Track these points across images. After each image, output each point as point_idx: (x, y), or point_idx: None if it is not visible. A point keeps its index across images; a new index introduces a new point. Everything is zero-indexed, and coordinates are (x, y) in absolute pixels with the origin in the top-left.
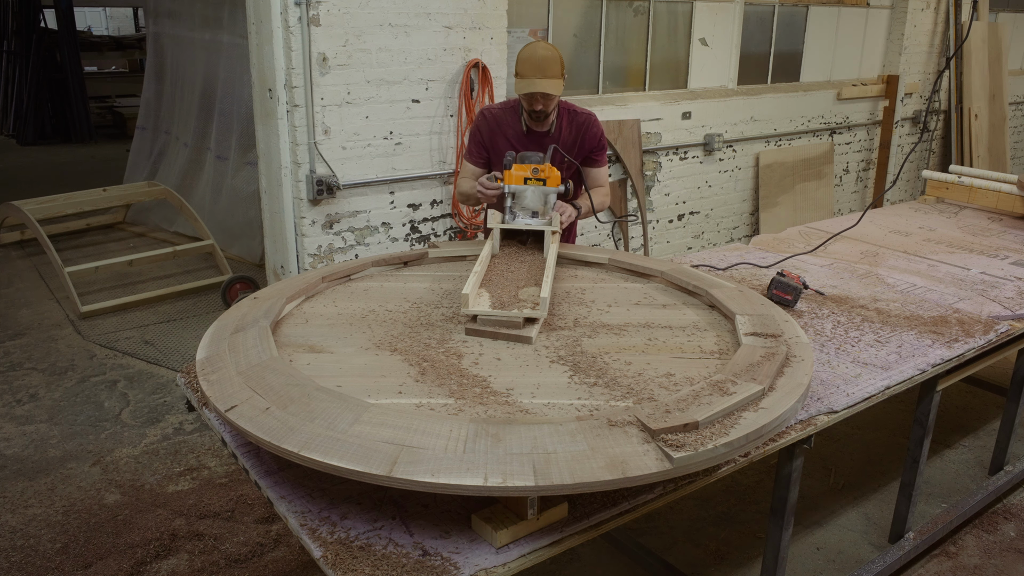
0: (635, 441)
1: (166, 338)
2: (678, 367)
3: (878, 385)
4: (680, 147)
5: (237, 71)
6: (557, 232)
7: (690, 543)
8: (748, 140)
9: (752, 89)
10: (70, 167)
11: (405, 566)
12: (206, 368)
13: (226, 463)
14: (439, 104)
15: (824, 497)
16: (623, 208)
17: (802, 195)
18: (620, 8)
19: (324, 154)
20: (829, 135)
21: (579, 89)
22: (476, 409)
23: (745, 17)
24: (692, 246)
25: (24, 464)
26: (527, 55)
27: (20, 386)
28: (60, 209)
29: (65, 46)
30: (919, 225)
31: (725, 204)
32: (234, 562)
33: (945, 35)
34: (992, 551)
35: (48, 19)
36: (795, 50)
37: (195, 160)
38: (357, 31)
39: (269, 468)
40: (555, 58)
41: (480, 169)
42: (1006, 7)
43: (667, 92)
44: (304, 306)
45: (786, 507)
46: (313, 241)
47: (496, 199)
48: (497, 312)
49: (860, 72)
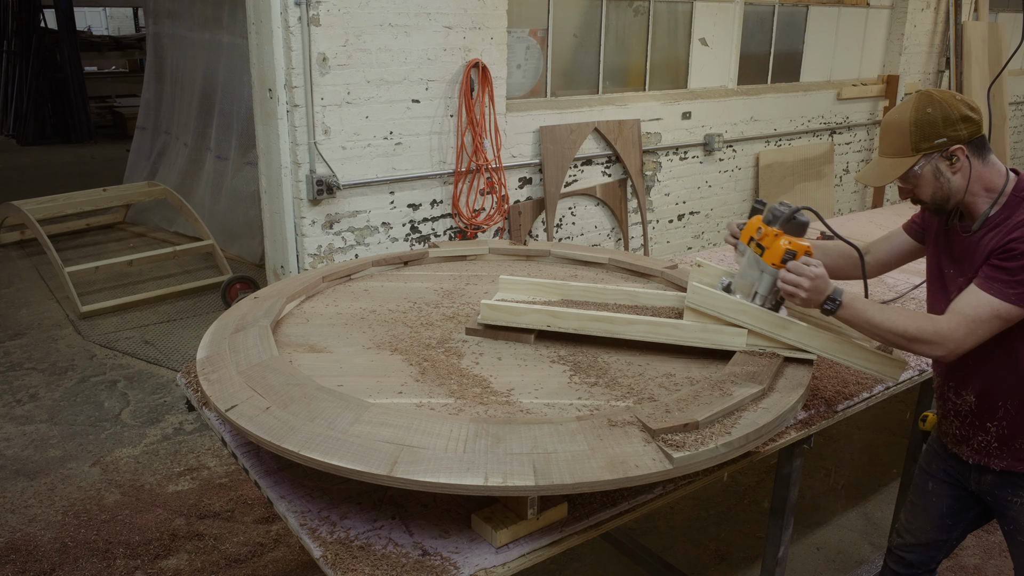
0: (635, 441)
1: (166, 338)
2: (678, 367)
3: (878, 385)
4: (680, 147)
5: (237, 71)
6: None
7: (690, 543)
8: (748, 140)
9: (752, 89)
10: (70, 167)
11: (405, 566)
12: (206, 368)
13: (226, 463)
14: (439, 104)
15: (824, 497)
16: (623, 208)
17: (802, 195)
18: (620, 8)
19: (324, 154)
20: (829, 135)
21: (579, 89)
22: (476, 409)
23: (745, 17)
24: (692, 246)
25: (24, 464)
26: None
27: (20, 386)
28: (60, 209)
29: (65, 46)
30: None
31: (725, 204)
32: (234, 562)
33: (945, 35)
34: (992, 551)
35: (48, 19)
36: (795, 50)
37: (195, 160)
38: (357, 31)
39: (269, 468)
40: (899, 124)
41: (901, 237)
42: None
43: (667, 92)
44: (304, 306)
45: (786, 507)
46: (313, 241)
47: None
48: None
49: (860, 72)
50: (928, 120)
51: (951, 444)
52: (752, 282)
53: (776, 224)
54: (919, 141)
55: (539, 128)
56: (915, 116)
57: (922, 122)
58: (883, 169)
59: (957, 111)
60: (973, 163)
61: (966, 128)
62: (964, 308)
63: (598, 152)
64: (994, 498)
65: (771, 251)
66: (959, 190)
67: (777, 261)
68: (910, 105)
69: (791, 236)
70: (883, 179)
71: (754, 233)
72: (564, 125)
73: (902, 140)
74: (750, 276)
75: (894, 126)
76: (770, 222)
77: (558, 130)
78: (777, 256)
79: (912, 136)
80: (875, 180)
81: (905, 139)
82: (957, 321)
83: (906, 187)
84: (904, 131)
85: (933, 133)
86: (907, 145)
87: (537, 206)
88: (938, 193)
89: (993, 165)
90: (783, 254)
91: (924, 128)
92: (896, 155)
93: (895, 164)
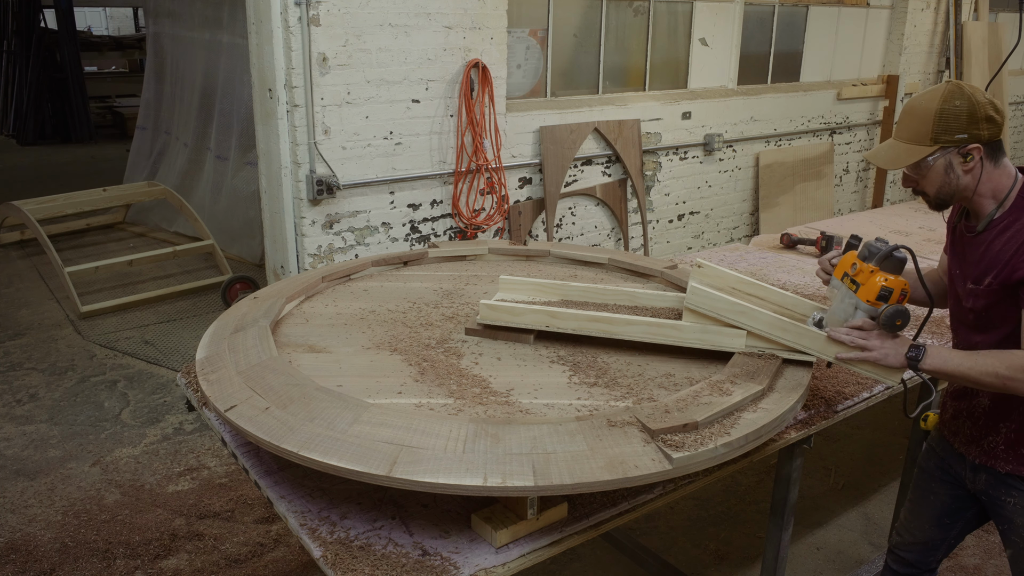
0: (635, 441)
1: (166, 338)
2: (678, 367)
3: (878, 385)
4: (680, 147)
5: (237, 71)
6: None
7: (690, 543)
8: (748, 140)
9: (752, 89)
10: (70, 167)
11: (405, 566)
12: (206, 368)
13: (226, 463)
14: (439, 104)
15: (824, 497)
16: (623, 208)
17: (802, 195)
18: (620, 8)
19: (324, 154)
20: (829, 135)
21: (579, 89)
22: (476, 409)
23: (745, 17)
24: (692, 246)
25: (24, 464)
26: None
27: (20, 386)
28: (60, 209)
29: (65, 46)
30: (919, 225)
31: (725, 204)
32: (234, 562)
33: (945, 35)
34: (992, 551)
35: (48, 19)
36: (795, 50)
37: (195, 160)
38: (357, 31)
39: (269, 468)
40: (924, 111)
41: (945, 259)
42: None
43: (667, 92)
44: (304, 306)
45: (786, 507)
46: (313, 241)
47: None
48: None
49: (860, 72)
50: (954, 113)
51: (960, 444)
52: (846, 318)
53: (872, 260)
54: (940, 132)
55: (539, 128)
56: (942, 106)
57: (947, 114)
58: (896, 153)
59: (984, 110)
60: (985, 165)
61: (988, 129)
62: None
63: (598, 152)
64: (989, 498)
65: (866, 287)
66: (966, 189)
67: (872, 298)
68: (939, 94)
69: (887, 273)
70: (895, 163)
71: (848, 269)
72: (564, 125)
73: (923, 127)
74: (843, 312)
75: (918, 112)
76: (866, 258)
77: (558, 130)
78: (873, 292)
79: (934, 126)
80: (887, 163)
81: (926, 127)
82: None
83: (912, 176)
84: (927, 119)
85: (956, 127)
86: (927, 134)
87: (537, 206)
88: (944, 189)
89: (1004, 168)
90: (879, 290)
91: (948, 120)
92: (913, 141)
93: (910, 151)
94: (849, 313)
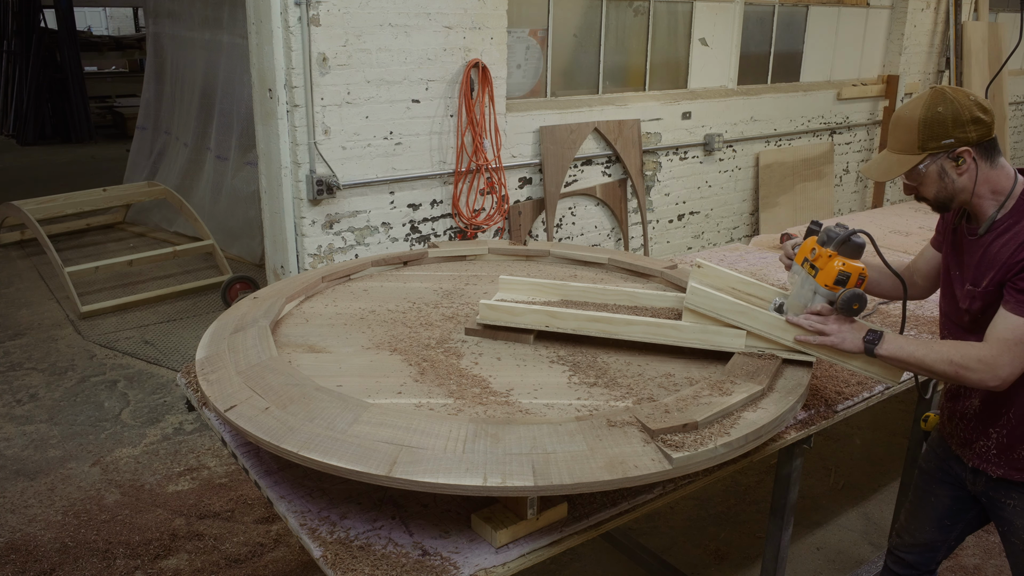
0: (634, 441)
1: (166, 338)
2: (677, 367)
3: (878, 385)
4: (680, 147)
5: (237, 71)
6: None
7: (690, 543)
8: (748, 140)
9: (752, 89)
10: (70, 167)
11: (405, 566)
12: (206, 368)
13: (226, 463)
14: (439, 104)
15: (824, 497)
16: (623, 208)
17: (802, 195)
18: (620, 8)
19: (324, 154)
20: (829, 135)
21: (579, 89)
22: (475, 409)
23: (745, 17)
24: (692, 246)
25: (24, 464)
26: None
27: (20, 386)
28: (60, 209)
29: (65, 46)
30: (919, 225)
31: (725, 204)
32: (234, 562)
33: (945, 35)
34: (992, 551)
35: (48, 19)
36: (795, 50)
37: (195, 160)
38: (357, 31)
39: (269, 468)
40: (908, 120)
41: (930, 252)
42: (1006, 7)
43: (667, 92)
44: (304, 306)
45: (786, 507)
46: (313, 241)
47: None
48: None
49: (860, 72)
50: (938, 119)
51: (956, 446)
52: (805, 303)
53: (831, 245)
54: (926, 140)
55: (539, 128)
56: (925, 114)
57: (931, 121)
58: (888, 164)
59: (968, 112)
60: (980, 166)
61: (976, 130)
62: (1001, 333)
63: (598, 152)
64: (989, 500)
65: (824, 272)
66: (964, 191)
67: (830, 282)
68: (921, 102)
69: (845, 257)
70: (887, 175)
71: (808, 254)
72: (564, 125)
73: (909, 137)
74: (803, 297)
75: (903, 122)
76: (824, 243)
77: (558, 130)
78: (831, 277)
79: (920, 134)
80: (879, 175)
81: (912, 136)
82: (999, 347)
83: (910, 184)
84: (912, 128)
85: (941, 133)
86: (914, 143)
87: (537, 206)
88: (942, 193)
89: (1002, 168)
90: (836, 275)
91: (933, 127)
92: (903, 151)
93: (901, 160)
94: (808, 298)
